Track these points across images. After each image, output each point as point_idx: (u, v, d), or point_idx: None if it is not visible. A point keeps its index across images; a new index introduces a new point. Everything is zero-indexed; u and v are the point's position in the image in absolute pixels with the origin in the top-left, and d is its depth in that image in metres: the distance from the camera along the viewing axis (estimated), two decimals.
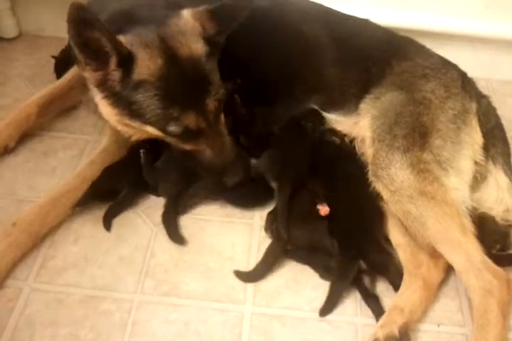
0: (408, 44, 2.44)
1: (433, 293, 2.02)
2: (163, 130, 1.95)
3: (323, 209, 2.13)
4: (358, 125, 2.30)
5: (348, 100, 2.35)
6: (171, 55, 1.84)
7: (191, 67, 1.88)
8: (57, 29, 2.89)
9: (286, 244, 2.07)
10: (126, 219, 2.23)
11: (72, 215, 2.19)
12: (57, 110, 2.61)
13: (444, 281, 2.07)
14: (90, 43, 1.74)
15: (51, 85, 2.57)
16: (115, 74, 1.83)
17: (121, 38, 1.79)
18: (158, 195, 2.29)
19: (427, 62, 2.34)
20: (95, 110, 2.16)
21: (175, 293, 2.02)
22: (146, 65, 1.82)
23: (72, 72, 2.53)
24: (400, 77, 2.29)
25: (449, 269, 2.06)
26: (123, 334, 1.89)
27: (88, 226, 2.20)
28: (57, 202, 2.14)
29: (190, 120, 1.91)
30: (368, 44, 2.40)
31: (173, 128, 1.93)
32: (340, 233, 2.09)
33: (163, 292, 2.02)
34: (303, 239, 2.08)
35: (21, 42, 3.11)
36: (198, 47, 1.90)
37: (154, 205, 2.28)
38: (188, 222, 2.23)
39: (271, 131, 2.36)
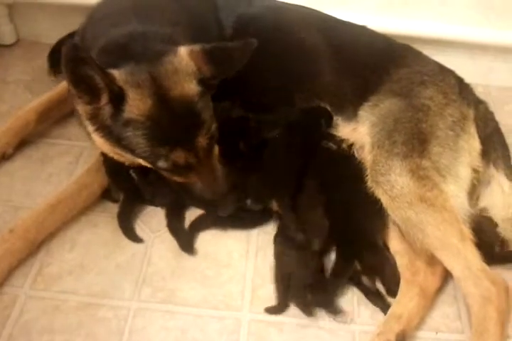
0: (406, 51, 2.44)
1: (430, 301, 2.02)
2: (153, 164, 1.96)
3: None
4: (356, 131, 2.30)
5: (346, 107, 2.34)
6: (162, 96, 1.82)
7: (182, 107, 1.85)
8: (54, 36, 2.88)
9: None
10: None
11: (69, 222, 2.19)
12: (56, 117, 2.60)
13: (441, 288, 2.07)
14: (84, 79, 1.73)
15: (50, 92, 2.57)
16: (106, 109, 1.83)
17: (115, 73, 1.79)
18: (156, 205, 2.28)
19: (425, 68, 2.33)
20: None
21: (172, 301, 2.01)
22: (136, 105, 1.81)
23: None
24: (398, 84, 2.28)
25: (446, 276, 2.06)
26: None
27: (85, 233, 2.19)
28: (55, 209, 2.13)
29: (179, 158, 1.91)
30: (366, 51, 2.40)
31: (161, 164, 1.92)
32: (337, 234, 2.09)
33: (160, 299, 2.01)
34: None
35: (19, 48, 3.11)
36: (190, 87, 1.86)
37: (151, 212, 2.27)
38: None
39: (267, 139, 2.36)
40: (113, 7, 2.15)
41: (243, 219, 2.23)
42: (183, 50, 1.88)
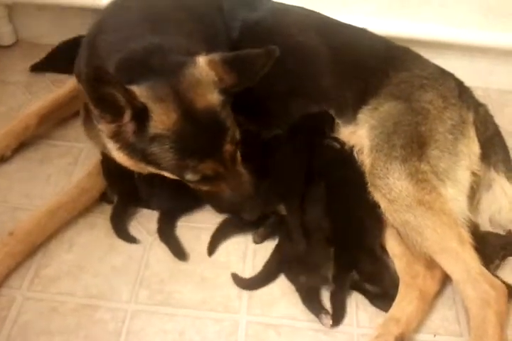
0: (405, 54, 2.43)
1: (429, 304, 2.01)
2: (180, 177, 1.95)
3: None
4: (356, 134, 2.29)
5: (346, 110, 2.33)
6: (185, 108, 1.81)
7: (207, 117, 1.84)
8: (54, 37, 2.91)
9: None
10: None
11: (67, 224, 2.18)
12: (57, 120, 2.60)
13: (440, 291, 2.06)
14: (106, 98, 1.72)
15: (51, 95, 2.56)
16: (129, 127, 1.81)
17: (135, 89, 1.77)
18: (151, 208, 2.28)
19: (425, 72, 2.33)
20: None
21: (169, 303, 2.00)
22: (161, 120, 1.79)
23: (72, 82, 2.51)
24: (398, 88, 2.28)
25: (445, 280, 2.05)
26: None
27: (83, 234, 2.19)
28: (56, 213, 2.14)
29: (208, 168, 1.90)
30: (366, 54, 2.39)
31: (189, 176, 1.91)
32: (335, 241, 2.08)
33: (158, 301, 2.01)
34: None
35: (18, 49, 3.11)
36: (213, 97, 1.85)
37: (149, 215, 2.27)
38: (182, 230, 2.22)
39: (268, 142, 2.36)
40: (123, 16, 2.12)
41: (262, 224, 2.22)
42: (201, 61, 1.87)
